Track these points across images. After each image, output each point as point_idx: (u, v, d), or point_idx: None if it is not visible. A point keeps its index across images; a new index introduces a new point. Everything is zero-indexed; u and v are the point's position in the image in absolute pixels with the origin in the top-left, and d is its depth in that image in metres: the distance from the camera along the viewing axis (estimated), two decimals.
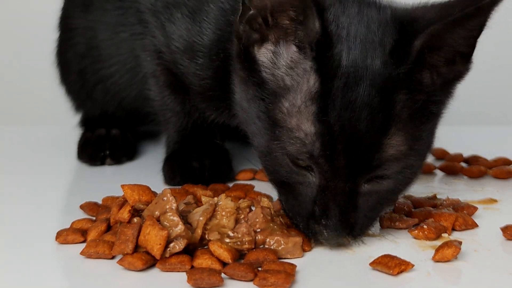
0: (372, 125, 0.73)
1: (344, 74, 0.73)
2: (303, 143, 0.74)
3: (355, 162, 0.74)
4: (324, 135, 0.73)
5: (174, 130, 1.06)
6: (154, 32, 1.00)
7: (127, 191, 0.79)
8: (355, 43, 0.75)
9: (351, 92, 0.73)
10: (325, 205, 0.75)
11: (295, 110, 0.75)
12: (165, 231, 0.71)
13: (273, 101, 0.77)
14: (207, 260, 0.72)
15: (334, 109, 0.73)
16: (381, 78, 0.74)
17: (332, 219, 0.75)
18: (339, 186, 0.74)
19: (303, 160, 0.75)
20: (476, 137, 1.42)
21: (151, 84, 1.06)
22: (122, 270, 0.72)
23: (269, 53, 0.78)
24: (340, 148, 0.73)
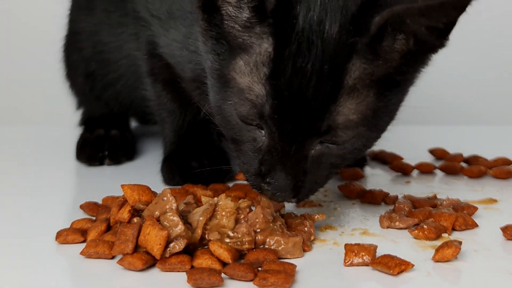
0: (320, 91, 0.72)
1: (298, 39, 0.72)
2: (253, 104, 0.74)
3: (302, 126, 0.74)
4: (274, 98, 0.73)
5: (170, 130, 1.06)
6: (149, 29, 0.99)
7: (127, 191, 0.79)
8: (315, 5, 0.73)
9: (303, 57, 0.72)
10: (271, 165, 0.76)
11: (248, 70, 0.75)
12: (165, 231, 0.71)
13: (227, 58, 0.76)
14: (207, 260, 0.72)
15: (285, 74, 0.72)
16: (334, 45, 0.72)
17: (276, 180, 0.76)
18: (285, 148, 0.75)
19: (253, 119, 0.76)
20: (476, 137, 1.42)
21: (147, 83, 1.06)
22: (122, 270, 0.72)
23: (233, 5, 0.76)
24: (287, 112, 0.73)
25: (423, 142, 1.27)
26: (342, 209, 0.92)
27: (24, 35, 1.80)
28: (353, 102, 0.74)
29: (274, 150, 0.76)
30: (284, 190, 0.76)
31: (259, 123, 0.76)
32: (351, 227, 0.85)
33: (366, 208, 0.93)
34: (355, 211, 0.91)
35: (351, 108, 0.74)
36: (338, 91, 0.73)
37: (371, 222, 0.87)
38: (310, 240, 0.79)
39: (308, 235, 0.79)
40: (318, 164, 0.77)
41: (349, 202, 0.95)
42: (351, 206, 0.94)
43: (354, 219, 0.88)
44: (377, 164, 1.17)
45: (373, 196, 0.95)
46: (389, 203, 0.94)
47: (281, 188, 0.76)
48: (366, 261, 0.73)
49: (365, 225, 0.86)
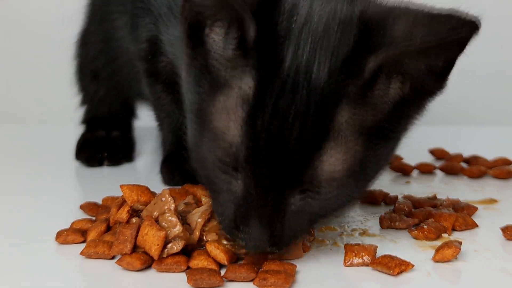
0: (303, 138, 0.66)
1: (281, 79, 0.66)
2: (229, 145, 0.68)
3: (280, 175, 0.67)
4: (250, 142, 0.67)
5: (169, 130, 1.06)
6: (151, 27, 0.98)
7: (125, 191, 0.79)
8: (305, 44, 0.67)
9: (286, 99, 0.66)
10: (246, 214, 0.69)
11: (226, 109, 0.68)
12: (163, 231, 0.71)
13: (208, 92, 0.70)
14: (203, 261, 0.72)
15: (264, 116, 0.66)
16: (322, 90, 0.66)
17: (251, 230, 0.69)
18: (261, 197, 0.68)
19: (228, 162, 0.69)
20: (476, 137, 1.42)
21: (145, 84, 1.06)
22: (123, 270, 0.72)
23: (218, 38, 0.70)
24: (264, 158, 0.67)
25: (423, 142, 1.27)
26: None
27: (24, 35, 1.79)
28: (339, 151, 0.67)
29: (250, 198, 0.68)
30: (259, 240, 0.69)
31: (235, 167, 0.69)
32: (351, 227, 0.85)
33: (366, 208, 0.93)
34: (355, 211, 0.91)
35: (337, 158, 0.67)
36: (323, 139, 0.66)
37: (371, 222, 0.87)
38: (309, 241, 0.79)
39: (307, 236, 0.79)
40: (298, 215, 0.70)
41: None
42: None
43: (354, 219, 0.88)
44: None
45: (373, 196, 0.95)
46: (389, 203, 0.94)
47: (256, 239, 0.69)
48: (366, 261, 0.73)
49: (365, 225, 0.86)
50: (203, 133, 0.71)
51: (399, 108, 0.70)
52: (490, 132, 1.48)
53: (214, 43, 0.70)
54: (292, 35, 0.67)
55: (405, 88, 0.70)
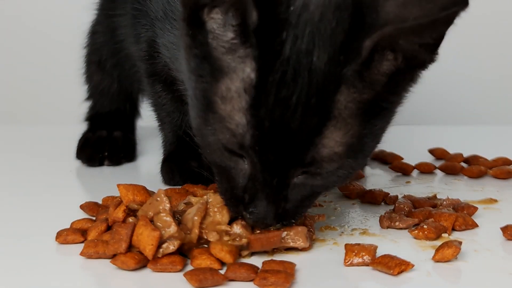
0: (305, 124, 0.69)
1: (282, 67, 0.68)
2: (233, 133, 0.71)
3: (284, 158, 0.71)
4: (255, 129, 0.69)
5: (169, 130, 1.06)
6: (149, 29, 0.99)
7: (122, 190, 0.79)
8: (303, 32, 0.68)
9: (287, 88, 0.68)
10: (253, 194, 0.73)
11: (229, 96, 0.70)
12: (157, 231, 0.71)
13: (211, 80, 0.72)
14: (206, 260, 0.72)
15: (267, 104, 0.68)
16: (323, 77, 0.68)
17: (259, 208, 0.73)
18: (267, 178, 0.72)
19: (234, 149, 0.72)
20: (476, 137, 1.42)
21: (146, 84, 1.06)
22: (123, 270, 0.72)
23: (218, 22, 0.72)
24: (269, 144, 0.70)
25: (423, 142, 1.27)
26: (342, 209, 0.92)
27: (24, 35, 1.80)
28: (339, 133, 0.70)
29: (256, 180, 0.73)
30: (266, 218, 0.74)
31: (240, 152, 0.72)
32: (351, 227, 0.85)
33: (366, 208, 0.93)
34: (355, 211, 0.91)
35: (337, 140, 0.70)
36: (324, 123, 0.69)
37: (371, 222, 0.87)
38: (311, 239, 0.79)
39: (312, 228, 0.79)
40: (300, 192, 0.74)
41: (349, 202, 0.95)
42: (351, 206, 0.94)
43: (354, 219, 0.88)
44: (377, 164, 1.17)
45: (373, 196, 0.95)
46: (389, 203, 0.94)
47: (263, 216, 0.74)
48: (366, 261, 0.73)
49: (365, 225, 0.86)
50: (208, 120, 0.73)
51: (393, 82, 0.72)
52: (490, 132, 1.48)
53: (214, 30, 0.72)
54: (291, 23, 0.68)
55: (398, 62, 0.72)
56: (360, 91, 0.70)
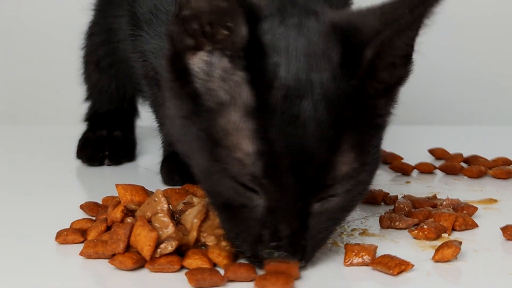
0: (321, 141, 0.67)
1: (283, 87, 0.67)
2: (243, 164, 0.67)
3: (305, 181, 0.68)
4: (266, 154, 0.67)
5: (168, 130, 1.06)
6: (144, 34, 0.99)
7: (120, 190, 0.79)
8: (296, 55, 0.69)
9: (294, 106, 0.67)
10: (274, 228, 0.69)
11: (232, 127, 0.68)
12: (154, 232, 0.71)
13: (209, 118, 0.70)
14: (197, 260, 0.72)
15: (275, 125, 0.67)
16: (330, 92, 0.68)
17: (282, 241, 0.69)
18: (289, 206, 0.68)
19: (246, 182, 0.69)
20: (476, 137, 1.42)
21: (143, 85, 1.06)
22: (123, 270, 0.72)
23: (203, 63, 0.71)
24: (285, 167, 0.67)
25: (423, 142, 1.27)
26: None
27: (24, 35, 1.80)
28: (353, 148, 0.69)
29: (276, 211, 0.69)
30: (288, 251, 0.69)
31: (252, 185, 0.69)
32: (351, 227, 0.85)
33: (366, 208, 0.93)
34: (355, 211, 0.91)
35: (352, 156, 0.69)
36: (339, 139, 0.68)
37: (371, 222, 0.87)
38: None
39: None
40: (319, 219, 0.71)
41: None
42: None
43: (354, 219, 0.88)
44: None
45: (373, 196, 0.94)
46: (389, 203, 0.94)
47: (286, 249, 0.69)
48: (366, 261, 0.73)
49: (365, 225, 0.86)
50: (211, 161, 0.70)
51: (390, 94, 0.74)
52: (490, 132, 1.48)
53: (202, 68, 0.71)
54: (279, 48, 0.69)
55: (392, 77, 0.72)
56: (362, 105, 0.70)
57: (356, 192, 0.72)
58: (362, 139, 0.70)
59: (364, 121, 0.70)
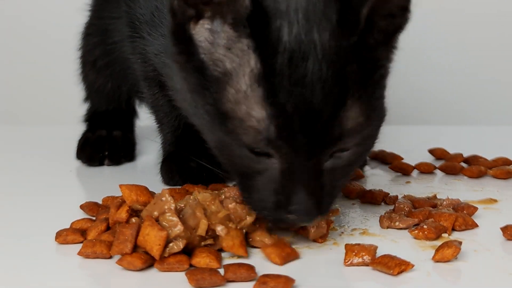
0: (327, 99, 0.70)
1: (287, 50, 0.70)
2: (257, 130, 0.70)
3: (315, 138, 0.70)
4: (278, 117, 0.69)
5: (167, 131, 1.06)
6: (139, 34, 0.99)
7: (124, 191, 0.79)
8: (296, 17, 0.71)
9: (299, 68, 0.69)
10: (291, 190, 0.72)
11: (242, 96, 0.71)
12: (164, 231, 0.71)
13: (218, 90, 0.72)
14: (205, 259, 0.72)
15: (283, 88, 0.69)
16: (332, 50, 0.70)
17: (302, 203, 0.72)
18: (303, 165, 0.71)
19: (260, 148, 0.72)
20: (476, 137, 1.42)
21: (143, 86, 1.06)
22: (123, 270, 0.72)
23: (206, 31, 0.73)
24: (297, 127, 0.70)
25: (423, 142, 1.27)
26: (342, 209, 0.92)
27: (24, 35, 1.80)
28: (358, 102, 0.72)
29: (291, 172, 0.72)
30: (310, 212, 0.73)
31: (267, 150, 0.72)
32: (351, 227, 0.85)
33: (366, 208, 0.93)
34: (355, 211, 0.91)
35: (357, 111, 0.72)
36: (344, 95, 0.71)
37: (371, 222, 0.87)
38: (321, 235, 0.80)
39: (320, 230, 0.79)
40: (331, 176, 0.74)
41: (349, 202, 0.95)
42: (351, 206, 0.94)
43: (354, 219, 0.88)
44: (377, 164, 1.17)
45: (373, 196, 0.95)
46: (389, 203, 0.94)
47: (307, 211, 0.72)
48: (366, 261, 0.73)
49: (365, 225, 0.86)
50: (227, 130, 0.72)
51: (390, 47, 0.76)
52: (490, 132, 1.48)
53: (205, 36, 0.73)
54: (281, 11, 0.71)
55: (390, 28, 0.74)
56: (364, 60, 0.72)
57: (364, 146, 0.75)
58: (366, 93, 0.73)
59: (366, 74, 0.73)
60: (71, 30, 1.25)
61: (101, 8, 1.18)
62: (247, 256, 0.74)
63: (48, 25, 1.74)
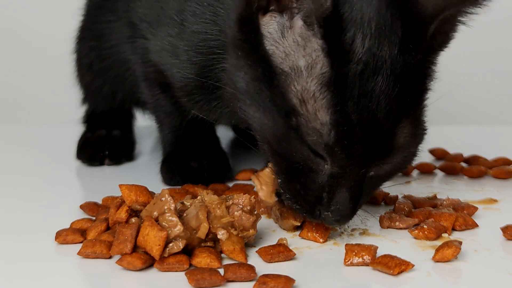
0: (390, 114, 0.72)
1: (360, 61, 0.71)
2: (319, 133, 0.72)
3: (371, 150, 0.73)
4: (341, 125, 0.71)
5: (168, 131, 1.06)
6: (140, 34, 0.99)
7: (124, 191, 0.79)
8: (369, 28, 0.72)
9: (370, 81, 0.71)
10: (337, 191, 0.74)
11: (310, 96, 0.72)
12: (164, 232, 0.71)
13: (284, 83, 0.74)
14: (206, 259, 0.72)
15: (352, 98, 0.71)
16: (399, 67, 0.72)
17: (343, 205, 0.74)
18: (355, 173, 0.74)
19: (319, 150, 0.73)
20: (476, 137, 1.42)
21: (143, 87, 1.06)
22: (122, 270, 0.72)
23: (275, 23, 0.75)
24: (358, 137, 0.72)
25: (423, 142, 1.27)
26: None
27: (24, 35, 1.80)
28: (409, 120, 0.75)
29: (341, 176, 0.74)
30: (347, 215, 0.75)
31: (322, 154, 0.74)
32: (351, 227, 0.85)
33: (366, 208, 0.92)
34: None
35: (409, 127, 0.75)
36: (403, 112, 0.73)
37: (371, 222, 0.87)
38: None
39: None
40: (371, 184, 0.77)
41: None
42: None
43: (354, 219, 0.88)
44: None
45: (373, 196, 0.94)
46: (389, 203, 0.94)
47: (344, 213, 0.75)
48: (366, 261, 0.73)
49: (365, 225, 0.86)
50: (290, 125, 0.73)
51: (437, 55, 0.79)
52: (490, 132, 1.48)
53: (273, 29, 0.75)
54: (355, 20, 0.72)
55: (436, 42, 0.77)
56: (422, 78, 0.75)
57: (404, 161, 0.77)
58: (416, 111, 0.76)
59: (420, 92, 0.76)
60: (71, 30, 1.25)
61: (96, 13, 1.17)
62: (246, 262, 0.73)
63: (48, 25, 1.74)
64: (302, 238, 0.81)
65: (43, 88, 1.79)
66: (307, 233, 0.80)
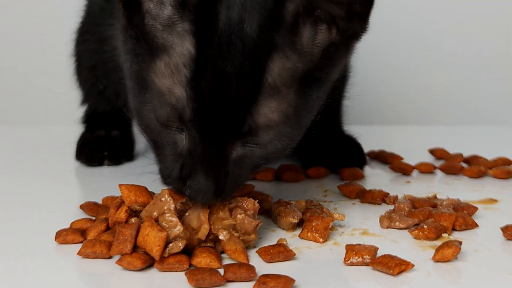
0: (240, 93, 0.71)
1: (218, 39, 0.71)
2: (173, 107, 0.73)
3: (222, 129, 0.72)
4: (194, 101, 0.72)
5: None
6: None
7: (124, 191, 0.79)
8: (234, 4, 0.72)
9: (223, 59, 0.71)
10: (192, 169, 0.74)
11: (168, 72, 0.73)
12: (164, 232, 0.71)
13: (147, 59, 0.75)
14: (206, 259, 0.72)
15: (205, 76, 0.71)
16: (254, 45, 0.71)
17: (197, 183, 0.74)
18: (206, 151, 0.73)
19: (173, 122, 0.74)
20: (476, 137, 1.42)
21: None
22: (122, 270, 0.72)
23: (153, 2, 0.75)
24: (208, 115, 0.72)
25: (423, 142, 1.28)
26: (342, 209, 0.92)
27: (23, 35, 1.80)
28: (273, 101, 0.73)
29: (195, 153, 0.74)
30: (205, 192, 0.74)
31: (180, 126, 0.75)
32: (351, 227, 0.85)
33: (366, 208, 0.93)
34: (355, 211, 0.91)
35: (271, 108, 0.73)
36: (258, 91, 0.72)
37: (371, 222, 0.87)
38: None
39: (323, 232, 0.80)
40: (240, 165, 0.76)
41: (349, 202, 0.95)
42: (351, 206, 0.94)
43: (354, 219, 0.88)
44: (377, 164, 1.17)
45: (373, 196, 0.95)
46: (389, 203, 0.94)
47: (202, 191, 0.74)
48: (366, 261, 0.73)
49: (365, 225, 0.86)
50: (145, 99, 0.75)
51: (328, 54, 0.76)
52: (490, 132, 1.48)
53: (151, 10, 0.75)
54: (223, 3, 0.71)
55: (333, 35, 0.75)
56: (293, 60, 0.73)
57: (277, 144, 0.76)
58: (285, 93, 0.74)
59: (292, 73, 0.73)
60: (71, 31, 1.25)
61: (98, 16, 1.17)
62: (248, 263, 0.73)
63: (48, 26, 1.74)
64: (302, 238, 0.81)
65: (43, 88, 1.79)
66: (307, 233, 0.80)
